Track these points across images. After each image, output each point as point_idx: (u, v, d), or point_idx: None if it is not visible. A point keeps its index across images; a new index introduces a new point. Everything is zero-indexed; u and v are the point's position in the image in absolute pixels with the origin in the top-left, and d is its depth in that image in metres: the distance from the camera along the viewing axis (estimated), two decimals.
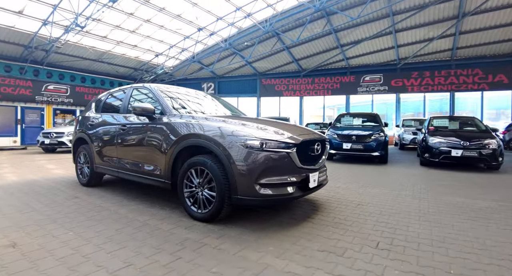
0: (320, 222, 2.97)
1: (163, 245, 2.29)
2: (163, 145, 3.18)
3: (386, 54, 18.00)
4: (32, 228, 2.63)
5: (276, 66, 20.33)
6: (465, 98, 18.26)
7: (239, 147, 2.62)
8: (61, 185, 4.55)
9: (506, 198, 4.18)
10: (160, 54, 18.30)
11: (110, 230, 2.59)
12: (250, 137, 2.64)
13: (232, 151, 2.62)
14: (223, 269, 1.94)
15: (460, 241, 2.53)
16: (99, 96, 4.93)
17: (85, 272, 1.87)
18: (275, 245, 2.35)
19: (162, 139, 3.21)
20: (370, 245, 2.40)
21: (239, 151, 2.61)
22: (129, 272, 1.87)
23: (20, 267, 1.91)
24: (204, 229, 2.67)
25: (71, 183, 4.73)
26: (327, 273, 1.93)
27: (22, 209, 3.20)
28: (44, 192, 4.03)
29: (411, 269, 2.02)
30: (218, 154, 2.70)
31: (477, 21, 14.25)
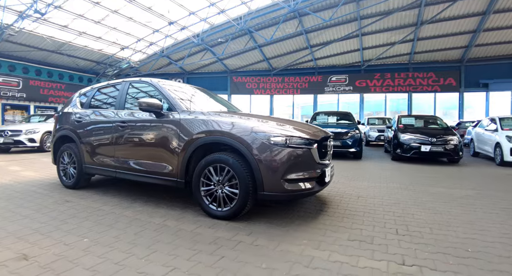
0: (335, 214, 3.11)
1: (197, 246, 2.22)
2: (176, 143, 3.06)
3: (351, 56, 18.98)
4: (35, 237, 2.36)
5: (247, 64, 20.39)
6: (418, 98, 19.91)
7: (264, 143, 2.64)
8: (41, 189, 4.11)
9: (477, 186, 4.72)
10: (126, 48, 17.35)
11: (128, 235, 2.43)
12: (275, 134, 2.68)
13: (258, 148, 2.63)
14: (273, 264, 1.96)
15: (464, 225, 2.83)
16: (83, 91, 4.56)
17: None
18: (308, 238, 2.43)
19: (174, 137, 3.08)
20: (391, 232, 2.59)
21: (264, 147, 2.63)
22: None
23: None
24: (229, 227, 2.64)
25: (52, 186, 4.31)
26: (370, 259, 2.06)
27: (10, 217, 2.84)
28: (26, 197, 3.62)
29: (436, 250, 2.24)
30: (242, 151, 2.68)
31: (433, 29, 15.64)
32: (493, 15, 14.00)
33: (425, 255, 2.15)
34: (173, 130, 3.09)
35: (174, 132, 3.09)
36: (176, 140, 3.06)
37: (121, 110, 3.72)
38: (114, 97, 3.97)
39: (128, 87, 3.83)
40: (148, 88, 3.77)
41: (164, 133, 3.17)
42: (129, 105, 3.75)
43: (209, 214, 2.89)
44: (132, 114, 3.56)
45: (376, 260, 2.05)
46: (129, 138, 3.48)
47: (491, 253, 2.20)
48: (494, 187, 4.72)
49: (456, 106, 18.55)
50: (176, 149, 3.06)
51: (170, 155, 3.10)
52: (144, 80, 3.75)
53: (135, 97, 3.78)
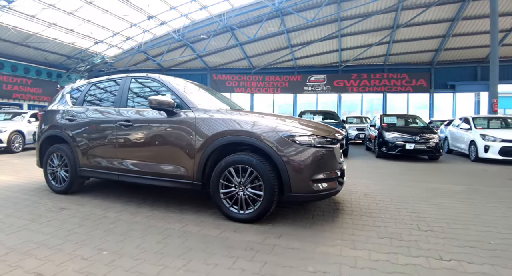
0: (352, 213, 3.14)
1: (233, 252, 2.11)
2: (191, 143, 2.89)
3: (330, 56, 19.44)
4: (43, 251, 2.09)
5: (227, 61, 20.19)
6: (392, 99, 20.84)
7: (291, 143, 2.59)
8: (26, 195, 3.71)
9: (464, 182, 5.01)
10: (100, 42, 16.46)
11: (150, 244, 2.25)
12: (300, 133, 2.63)
13: (285, 148, 2.57)
14: (319, 267, 1.91)
15: (472, 218, 2.98)
16: (74, 86, 4.20)
17: None
18: (340, 238, 2.41)
19: (188, 137, 2.91)
20: (414, 228, 2.66)
21: (291, 147, 2.57)
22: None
23: None
24: (255, 230, 2.55)
25: (37, 191, 3.91)
26: (408, 256, 2.08)
27: (5, 229, 2.52)
28: (13, 205, 3.23)
29: (463, 243, 2.32)
30: (268, 151, 2.60)
31: (407, 33, 16.43)
32: (461, 21, 14.99)
33: (455, 249, 2.23)
34: (188, 129, 2.92)
35: (189, 131, 2.92)
36: (191, 140, 2.89)
37: (123, 107, 3.46)
38: (114, 94, 3.69)
39: (130, 83, 3.57)
40: (152, 84, 3.57)
41: (177, 133, 2.98)
42: (132, 103, 3.50)
43: (229, 217, 2.77)
44: (138, 113, 3.31)
45: (414, 257, 2.09)
46: (135, 139, 3.24)
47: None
48: (480, 182, 5.03)
49: (427, 106, 19.66)
50: (191, 150, 2.89)
51: (185, 156, 2.93)
52: (149, 76, 3.53)
53: (139, 94, 3.56)
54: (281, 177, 2.60)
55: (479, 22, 15.11)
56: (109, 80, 3.88)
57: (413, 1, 13.81)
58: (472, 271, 1.89)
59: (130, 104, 3.48)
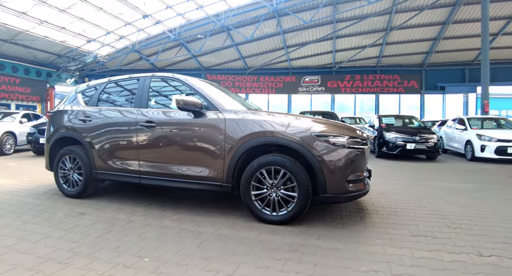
0: (378, 212, 3.18)
1: (278, 254, 2.10)
2: (221, 145, 2.86)
3: (324, 57, 19.63)
4: (79, 260, 1.99)
5: (222, 61, 20.10)
6: (383, 100, 21.22)
7: (326, 144, 2.60)
8: (37, 199, 3.54)
9: (468, 181, 5.19)
10: (93, 40, 16.11)
11: (191, 249, 2.19)
12: (334, 134, 2.66)
13: (320, 149, 2.58)
14: (370, 266, 1.94)
15: (492, 215, 3.08)
16: (85, 86, 4.09)
17: None
18: (377, 237, 2.45)
19: (218, 138, 2.87)
20: (443, 226, 2.72)
21: (327, 148, 2.59)
22: None
23: None
24: (292, 232, 2.54)
25: (47, 195, 3.75)
26: (450, 253, 2.14)
27: (28, 237, 2.38)
28: (27, 211, 3.09)
29: (494, 240, 2.41)
30: (303, 153, 2.61)
31: (400, 35, 16.77)
32: (451, 25, 15.41)
33: (489, 245, 2.30)
34: (218, 130, 2.88)
35: (218, 133, 2.88)
36: (221, 142, 2.86)
37: (144, 108, 3.37)
38: (132, 94, 3.62)
39: (150, 83, 3.49)
40: (174, 83, 3.52)
41: (205, 134, 2.94)
42: (153, 103, 3.45)
43: (261, 219, 2.74)
44: (162, 113, 3.24)
45: (456, 254, 2.14)
46: (159, 140, 3.17)
47: None
48: (484, 181, 5.20)
49: (418, 107, 20.11)
50: (221, 151, 2.86)
51: (214, 158, 2.89)
52: (171, 76, 3.45)
53: (161, 94, 3.50)
54: (316, 178, 2.61)
55: (468, 26, 15.58)
56: (126, 79, 3.81)
57: (407, 4, 14.11)
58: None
59: (152, 105, 3.42)
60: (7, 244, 2.23)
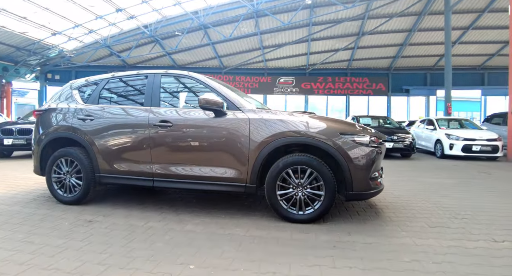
0: (388, 207, 3.35)
1: (321, 252, 2.13)
2: (245, 145, 2.82)
3: (299, 59, 20.11)
4: (118, 273, 1.85)
5: (197, 60, 19.77)
6: (351, 102, 22.21)
7: (353, 143, 2.69)
8: (27, 208, 3.17)
9: (448, 176, 5.63)
10: (58, 33, 14.99)
11: (231, 252, 2.13)
12: (359, 134, 2.77)
13: (348, 148, 2.67)
14: (411, 257, 2.05)
15: (487, 205, 3.42)
16: (85, 81, 3.78)
17: None
18: (401, 230, 2.60)
19: (242, 138, 2.83)
20: (453, 217, 2.95)
21: (353, 147, 2.68)
22: None
23: None
24: (319, 229, 2.58)
25: (38, 203, 3.38)
26: (470, 241, 2.33)
27: (40, 251, 2.13)
28: (25, 221, 2.76)
29: (500, 227, 2.68)
30: (331, 152, 2.67)
31: (370, 40, 17.70)
32: (417, 32, 16.60)
33: (499, 232, 2.55)
34: (242, 130, 2.85)
35: (242, 132, 2.84)
36: (245, 142, 2.82)
37: (156, 107, 3.20)
38: (140, 92, 3.44)
39: (160, 81, 3.34)
40: (185, 80, 3.41)
41: (229, 133, 2.88)
42: (166, 102, 3.32)
43: (287, 218, 2.76)
44: (179, 112, 3.12)
45: (474, 241, 2.35)
46: (176, 141, 3.04)
47: None
48: (460, 176, 5.69)
49: (385, 108, 21.36)
50: (245, 152, 2.82)
51: (238, 158, 2.85)
52: (192, 76, 3.30)
53: (175, 92, 3.38)
54: (342, 176, 2.70)
55: (431, 34, 16.88)
56: (132, 76, 3.61)
57: (378, 11, 14.93)
58: None
59: (164, 104, 3.29)
60: (22, 260, 1.97)
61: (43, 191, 3.92)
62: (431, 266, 1.92)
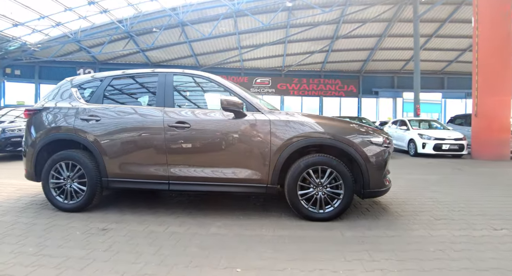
0: (392, 203, 3.57)
1: (353, 247, 2.23)
2: (267, 146, 2.85)
3: (275, 60, 20.44)
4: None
5: (172, 58, 19.30)
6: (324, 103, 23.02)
7: (369, 144, 2.85)
8: (21, 217, 2.88)
9: (429, 173, 6.10)
10: (21, 24, 13.84)
11: (270, 253, 2.15)
12: (374, 135, 2.95)
13: (366, 149, 2.82)
14: (435, 246, 2.25)
15: (476, 198, 3.77)
16: (82, 79, 3.55)
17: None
18: (413, 223, 2.81)
19: (263, 139, 2.87)
20: (450, 210, 3.22)
21: (370, 148, 2.84)
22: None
23: None
24: (341, 226, 2.68)
25: (30, 212, 3.09)
26: (474, 230, 2.58)
27: (64, 264, 1.98)
28: (28, 233, 2.52)
29: (493, 217, 2.98)
30: (350, 152, 2.81)
31: (343, 44, 18.47)
32: (387, 38, 17.62)
33: (494, 222, 2.83)
34: (263, 132, 2.88)
35: (264, 134, 2.88)
36: (267, 143, 2.86)
37: (170, 107, 3.11)
38: (151, 91, 3.33)
39: (172, 81, 3.24)
40: (199, 80, 3.37)
41: (250, 135, 2.90)
42: (180, 103, 3.25)
43: (308, 217, 2.84)
44: (198, 113, 3.06)
45: (479, 230, 2.61)
46: (195, 142, 2.98)
47: None
48: (439, 172, 6.18)
49: (356, 109, 22.39)
50: (267, 153, 2.86)
51: (259, 159, 2.87)
52: (206, 76, 3.26)
53: (189, 93, 3.33)
54: (360, 175, 2.84)
55: (399, 40, 18.02)
56: (139, 74, 3.47)
57: (352, 16, 15.62)
58: None
59: (179, 104, 3.22)
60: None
61: (31, 198, 3.61)
62: (454, 254, 2.12)
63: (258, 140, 2.89)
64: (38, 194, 3.77)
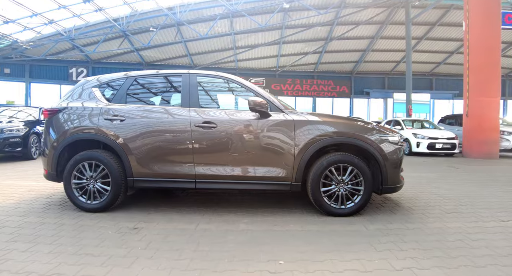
0: (401, 198, 3.79)
1: (380, 239, 2.38)
2: (291, 145, 2.99)
3: (270, 61, 20.62)
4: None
5: (167, 57, 19.20)
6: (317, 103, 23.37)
7: (387, 142, 3.03)
8: (45, 218, 2.87)
9: (429, 170, 6.38)
10: (12, 21, 13.52)
11: (306, 246, 2.27)
12: (390, 134, 3.13)
13: (384, 147, 3.00)
14: (454, 237, 2.45)
15: (477, 193, 4.00)
16: (102, 79, 3.56)
17: None
18: (427, 217, 3.00)
19: (288, 139, 3.00)
20: (457, 205, 3.44)
21: (388, 146, 3.02)
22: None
23: None
24: (363, 221, 2.82)
25: (51, 212, 3.08)
26: (484, 222, 2.80)
27: (109, 262, 2.01)
28: (58, 233, 2.52)
29: (497, 210, 3.22)
30: (370, 151, 2.98)
31: (337, 45, 18.82)
32: (379, 40, 18.06)
33: (501, 214, 3.07)
34: (288, 131, 3.01)
35: (288, 133, 3.01)
36: (291, 142, 3.00)
37: (196, 107, 3.19)
38: (175, 92, 3.42)
39: (196, 81, 3.33)
40: (222, 81, 3.46)
41: (276, 134, 3.03)
42: (205, 103, 3.36)
43: (330, 213, 2.99)
44: (224, 113, 3.16)
45: (488, 222, 2.82)
46: (222, 142, 3.08)
47: None
48: (435, 170, 6.47)
49: (348, 110, 22.82)
50: (291, 152, 2.99)
51: (284, 158, 3.01)
52: (229, 77, 3.36)
53: (214, 93, 3.43)
54: (379, 172, 3.02)
55: (391, 42, 18.50)
56: (163, 74, 3.55)
57: (346, 18, 15.96)
58: None
59: (204, 104, 3.33)
60: (102, 274, 1.87)
61: (46, 199, 3.62)
62: (473, 243, 2.32)
63: (283, 140, 3.02)
64: (53, 195, 3.82)
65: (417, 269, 1.92)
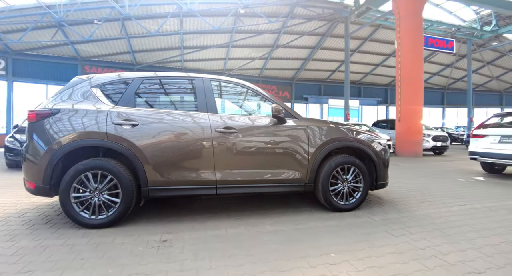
0: (401, 196, 4.43)
1: (395, 232, 2.73)
2: (305, 149, 3.26)
3: (217, 63, 20.61)
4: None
5: (106, 53, 17.62)
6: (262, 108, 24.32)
7: (380, 145, 3.57)
8: (52, 239, 2.58)
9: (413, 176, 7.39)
10: None
11: (335, 240, 2.65)
12: (382, 138, 3.70)
13: (379, 149, 3.53)
14: (458, 230, 2.99)
15: (434, 187, 4.90)
16: (107, 78, 3.26)
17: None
18: (430, 211, 3.65)
19: (303, 143, 3.26)
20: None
21: (380, 148, 3.56)
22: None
23: None
24: (368, 215, 3.24)
25: (49, 233, 2.74)
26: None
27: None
28: (80, 255, 2.29)
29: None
30: (368, 153, 3.46)
31: (281, 52, 19.91)
32: (319, 50, 19.75)
33: (458, 200, 3.92)
34: (303, 136, 3.28)
35: (303, 138, 3.28)
36: (305, 146, 3.27)
37: (213, 113, 3.19)
38: (190, 96, 3.40)
39: (211, 86, 3.33)
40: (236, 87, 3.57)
41: (292, 139, 3.26)
42: (222, 108, 3.44)
43: (336, 209, 3.37)
44: (243, 119, 3.26)
45: (452, 206, 3.60)
46: (243, 147, 3.16)
47: None
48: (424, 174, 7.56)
49: None
50: (306, 155, 3.27)
51: (300, 161, 3.26)
52: (243, 84, 3.52)
53: (231, 99, 3.51)
54: (374, 171, 3.55)
55: (328, 53, 20.39)
56: (173, 78, 3.42)
57: (292, 28, 17.07)
58: None
59: (221, 110, 3.39)
60: None
61: (19, 217, 3.19)
62: (455, 223, 2.99)
63: (298, 144, 3.29)
64: (25, 212, 3.38)
65: (434, 245, 2.45)
